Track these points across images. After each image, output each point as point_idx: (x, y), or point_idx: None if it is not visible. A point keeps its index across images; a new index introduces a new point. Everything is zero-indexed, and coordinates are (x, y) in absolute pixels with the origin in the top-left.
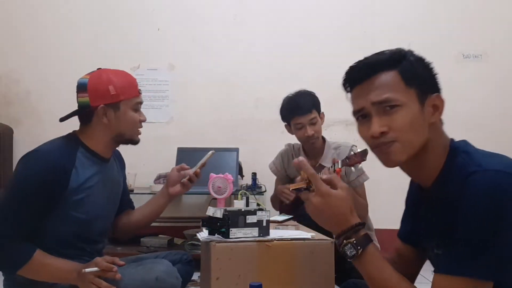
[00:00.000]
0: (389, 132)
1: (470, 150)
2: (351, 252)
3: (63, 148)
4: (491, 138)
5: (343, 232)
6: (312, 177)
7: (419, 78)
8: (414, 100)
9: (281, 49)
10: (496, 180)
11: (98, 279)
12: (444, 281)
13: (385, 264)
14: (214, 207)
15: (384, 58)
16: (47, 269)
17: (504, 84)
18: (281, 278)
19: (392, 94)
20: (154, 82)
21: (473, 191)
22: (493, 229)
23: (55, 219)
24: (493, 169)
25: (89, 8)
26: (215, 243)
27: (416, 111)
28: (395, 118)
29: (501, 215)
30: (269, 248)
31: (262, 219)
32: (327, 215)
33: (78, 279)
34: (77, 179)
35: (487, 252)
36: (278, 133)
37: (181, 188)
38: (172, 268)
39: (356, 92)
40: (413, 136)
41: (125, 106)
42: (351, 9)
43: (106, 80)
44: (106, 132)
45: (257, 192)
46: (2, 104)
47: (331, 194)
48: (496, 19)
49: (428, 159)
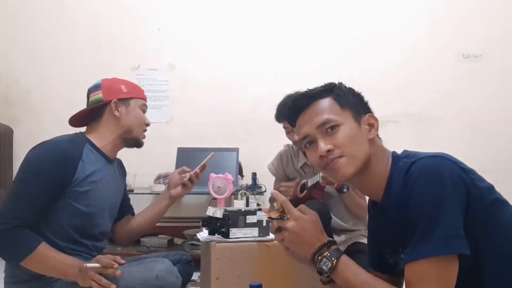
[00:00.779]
0: (335, 149)
1: (409, 154)
2: (327, 265)
3: (72, 140)
4: (491, 138)
5: (317, 249)
6: (284, 204)
7: (351, 102)
8: (350, 119)
9: (281, 49)
10: (432, 162)
11: (98, 276)
12: (413, 269)
13: (360, 269)
14: (214, 207)
15: (318, 89)
16: (50, 262)
17: (504, 84)
18: (281, 278)
19: (330, 115)
20: (154, 82)
21: (413, 180)
22: (440, 208)
23: (58, 209)
24: (428, 156)
25: (89, 8)
26: (215, 243)
27: (354, 128)
28: (337, 136)
29: (443, 195)
30: (269, 248)
31: (262, 219)
32: (302, 238)
33: (79, 274)
34: (84, 171)
35: (437, 230)
36: (278, 133)
37: (182, 190)
38: (172, 267)
39: (299, 122)
40: (356, 149)
41: (135, 104)
42: (351, 9)
43: (119, 81)
44: (116, 127)
45: (257, 192)
46: (2, 104)
47: (304, 217)
48: (496, 19)
49: (374, 172)
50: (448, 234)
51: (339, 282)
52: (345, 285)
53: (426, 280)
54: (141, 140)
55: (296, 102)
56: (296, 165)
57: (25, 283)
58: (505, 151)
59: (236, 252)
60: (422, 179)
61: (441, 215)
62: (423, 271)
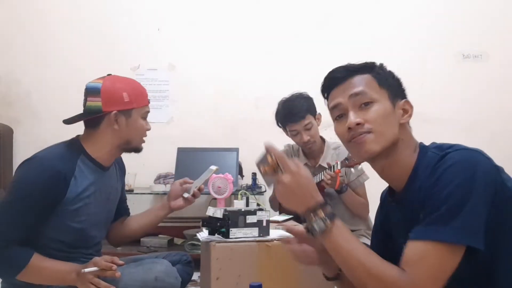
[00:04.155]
0: (364, 124)
1: (441, 145)
2: (320, 226)
3: (64, 155)
4: (491, 138)
5: (311, 207)
6: (280, 158)
7: (389, 83)
8: (386, 99)
9: (281, 48)
10: (470, 155)
11: (97, 279)
12: (416, 247)
13: (353, 236)
14: (214, 207)
15: (359, 65)
16: (46, 272)
17: (504, 84)
18: (281, 278)
19: (367, 88)
20: (154, 82)
21: (447, 166)
22: (466, 198)
23: (50, 228)
24: (464, 148)
25: (89, 8)
26: (215, 243)
27: (388, 107)
28: (370, 112)
29: (473, 187)
30: (269, 248)
31: (262, 219)
32: (296, 193)
33: (77, 279)
34: (75, 189)
35: (457, 218)
36: (278, 133)
37: (183, 203)
38: (171, 268)
39: (334, 93)
40: (385, 129)
41: (137, 113)
42: (351, 10)
43: (120, 87)
44: (114, 139)
45: (257, 192)
46: (2, 104)
47: (300, 173)
48: (496, 19)
49: (398, 158)
50: (466, 225)
51: (328, 247)
52: (334, 250)
53: (425, 261)
54: (140, 147)
55: (333, 74)
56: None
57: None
58: (505, 151)
59: (236, 252)
60: (455, 167)
61: (466, 205)
62: (426, 252)
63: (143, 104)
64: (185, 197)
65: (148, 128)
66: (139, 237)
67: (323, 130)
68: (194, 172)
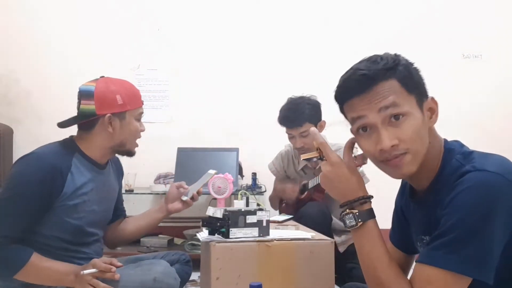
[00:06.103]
0: (400, 145)
1: (465, 152)
2: (351, 222)
3: (59, 152)
4: (491, 138)
5: (348, 202)
6: (322, 146)
7: (416, 84)
8: (415, 106)
9: (281, 48)
10: (489, 180)
11: (95, 280)
12: (424, 271)
13: (381, 242)
14: (214, 207)
15: (379, 68)
16: (44, 272)
17: (504, 84)
18: (281, 278)
19: (397, 99)
20: (154, 82)
21: (465, 188)
22: (479, 226)
23: (49, 225)
24: (487, 170)
25: (89, 8)
26: (215, 243)
27: (420, 118)
28: (403, 128)
29: (488, 215)
30: (269, 248)
31: (262, 219)
32: (336, 184)
33: (76, 281)
34: (73, 184)
35: (467, 247)
36: (278, 133)
37: (181, 205)
38: (170, 269)
39: (355, 103)
40: (421, 145)
41: (130, 115)
42: (352, 10)
43: (114, 89)
44: (108, 141)
45: (257, 192)
46: (2, 104)
47: (342, 164)
48: (496, 19)
49: (426, 163)
50: (475, 257)
51: (355, 243)
52: (359, 250)
53: (433, 286)
54: (133, 150)
55: (351, 82)
56: (297, 167)
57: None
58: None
59: (236, 252)
60: (470, 192)
61: (477, 235)
62: (433, 277)
63: (136, 106)
64: (184, 200)
65: (143, 129)
66: (135, 239)
67: (324, 131)
68: (194, 172)
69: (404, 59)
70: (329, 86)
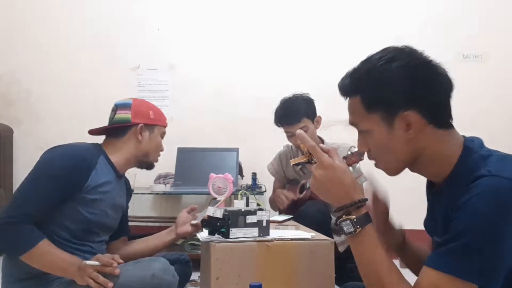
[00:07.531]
0: (369, 154)
1: (484, 152)
2: (349, 229)
3: (89, 149)
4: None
5: (344, 206)
6: (312, 150)
7: (381, 101)
8: (378, 123)
9: (281, 48)
10: (504, 188)
11: (95, 273)
12: (432, 276)
13: (381, 246)
14: (214, 207)
15: (346, 83)
16: (50, 258)
17: (504, 84)
18: (281, 278)
19: (357, 118)
20: (154, 82)
21: (477, 193)
22: (489, 234)
23: (63, 211)
24: (502, 176)
25: (89, 8)
26: (215, 243)
27: (383, 134)
28: (369, 141)
29: (499, 223)
30: (269, 248)
31: (262, 219)
32: (329, 188)
33: (78, 272)
34: (96, 179)
35: (478, 255)
36: (278, 133)
37: (191, 229)
38: (169, 266)
39: None
40: (389, 157)
41: (158, 131)
42: (351, 9)
43: (148, 106)
44: (135, 149)
45: (257, 192)
46: (2, 104)
47: (334, 166)
48: (496, 19)
49: (431, 163)
50: (485, 264)
51: (352, 248)
52: (357, 254)
53: None
54: (154, 163)
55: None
56: (296, 166)
57: (23, 281)
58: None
59: (236, 252)
60: (481, 199)
61: (488, 242)
62: (438, 281)
63: (164, 124)
64: (193, 223)
65: (162, 149)
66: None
67: (323, 130)
68: (194, 172)
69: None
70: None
